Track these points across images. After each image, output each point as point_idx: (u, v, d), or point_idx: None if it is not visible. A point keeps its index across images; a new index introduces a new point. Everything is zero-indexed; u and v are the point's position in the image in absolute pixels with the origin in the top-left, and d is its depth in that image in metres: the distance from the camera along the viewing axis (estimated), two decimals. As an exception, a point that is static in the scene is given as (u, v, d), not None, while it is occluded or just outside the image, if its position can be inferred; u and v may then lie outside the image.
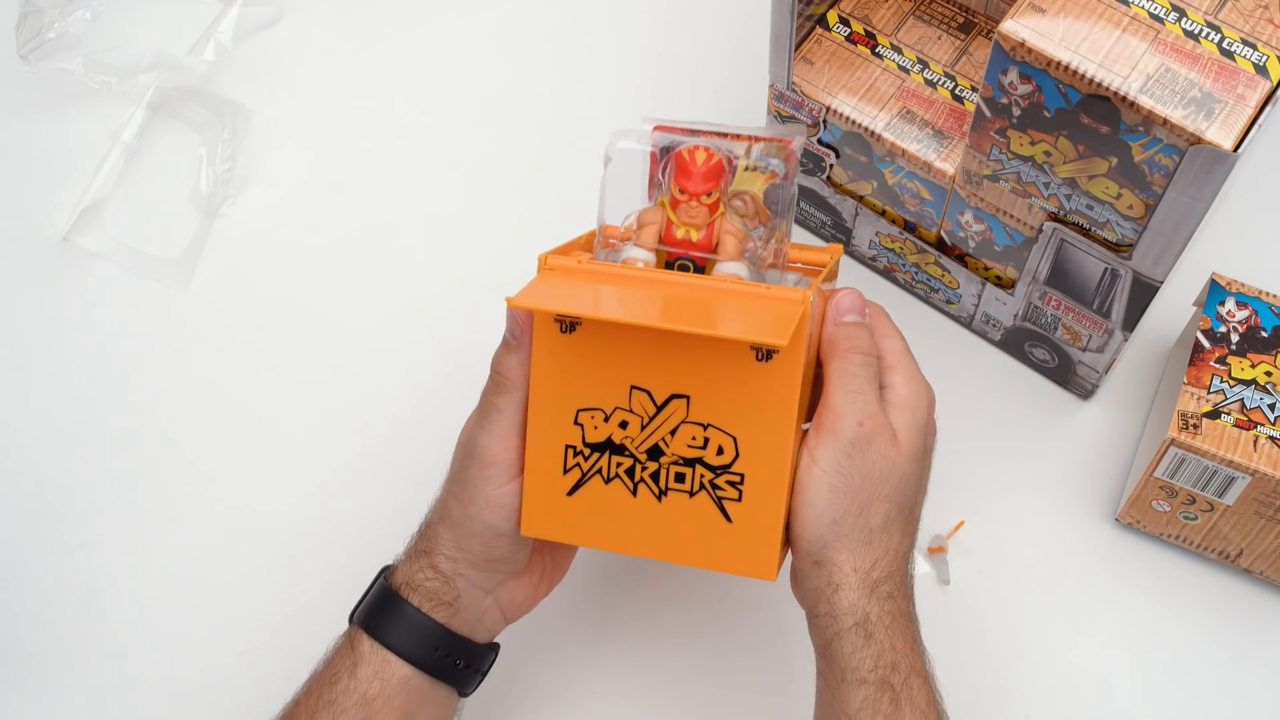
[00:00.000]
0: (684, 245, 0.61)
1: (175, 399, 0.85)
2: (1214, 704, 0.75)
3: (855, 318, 0.62)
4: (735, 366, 0.59)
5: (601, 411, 0.61)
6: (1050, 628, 0.77)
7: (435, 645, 0.63)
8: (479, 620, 0.65)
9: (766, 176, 0.61)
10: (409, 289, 0.88)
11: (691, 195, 0.60)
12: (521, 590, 0.66)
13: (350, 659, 0.63)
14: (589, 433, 0.61)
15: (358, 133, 0.94)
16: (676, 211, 0.60)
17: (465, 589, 0.63)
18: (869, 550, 0.59)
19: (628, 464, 0.61)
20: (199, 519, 0.82)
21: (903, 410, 0.61)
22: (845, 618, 0.59)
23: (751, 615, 0.77)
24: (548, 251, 0.62)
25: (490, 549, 0.63)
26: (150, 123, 0.94)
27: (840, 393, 0.60)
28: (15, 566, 0.81)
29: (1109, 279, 0.72)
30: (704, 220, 0.60)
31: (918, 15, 0.81)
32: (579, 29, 0.97)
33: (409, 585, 0.64)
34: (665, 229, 0.61)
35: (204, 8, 0.97)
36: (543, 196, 0.91)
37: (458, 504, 0.63)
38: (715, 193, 0.60)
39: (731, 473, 0.60)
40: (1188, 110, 0.60)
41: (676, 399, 0.60)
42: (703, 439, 0.60)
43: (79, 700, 0.77)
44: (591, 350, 0.60)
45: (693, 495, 0.61)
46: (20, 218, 0.91)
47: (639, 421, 0.60)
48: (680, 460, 0.60)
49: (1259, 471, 0.70)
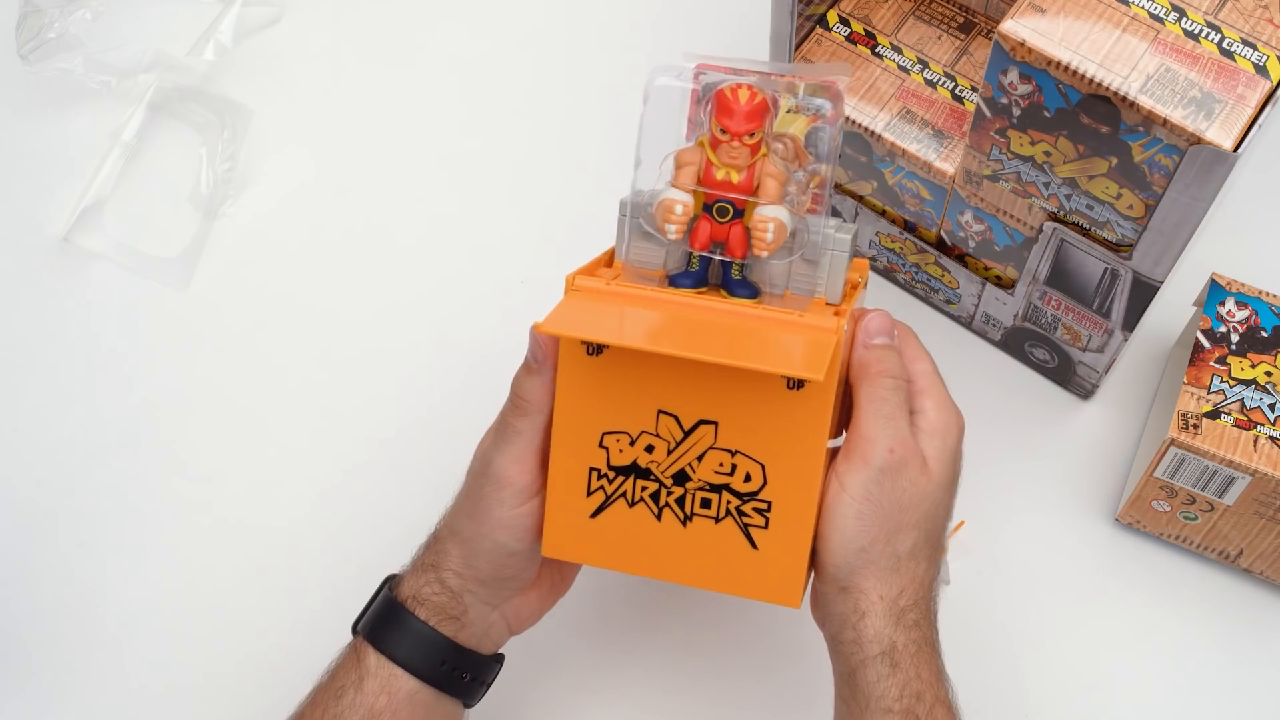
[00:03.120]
0: (724, 187, 0.58)
1: (175, 399, 0.85)
2: (1214, 704, 0.75)
3: (885, 340, 0.61)
4: (765, 394, 0.58)
5: (628, 435, 0.60)
6: (1050, 628, 0.77)
7: (442, 659, 0.63)
8: (485, 634, 0.65)
9: (810, 119, 0.59)
10: (409, 289, 0.88)
11: (734, 135, 0.57)
12: (527, 605, 0.66)
13: (356, 672, 0.63)
14: (614, 456, 0.60)
15: (358, 133, 0.94)
16: (717, 152, 0.58)
17: (472, 604, 0.63)
18: (896, 578, 0.59)
19: (653, 488, 0.60)
20: (199, 519, 0.82)
21: (933, 436, 0.60)
22: (871, 645, 0.58)
23: (765, 632, 0.77)
24: (575, 272, 0.61)
25: (500, 567, 0.62)
26: (150, 123, 0.94)
27: (871, 418, 0.59)
28: (15, 566, 0.81)
29: (1109, 279, 0.72)
30: (745, 161, 0.58)
31: (918, 15, 0.81)
32: (579, 29, 0.97)
33: (416, 599, 0.63)
34: (705, 170, 0.58)
35: (204, 8, 0.97)
36: (543, 196, 0.91)
37: (470, 522, 0.62)
38: (758, 133, 0.58)
39: (759, 500, 0.59)
40: (1188, 110, 0.60)
41: (704, 425, 0.59)
42: (730, 465, 0.59)
43: (79, 700, 0.77)
44: (618, 373, 0.59)
45: (718, 521, 0.60)
46: (20, 218, 0.91)
47: (665, 446, 0.60)
48: (707, 486, 0.60)
49: (1259, 471, 0.70)
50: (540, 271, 0.88)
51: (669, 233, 0.58)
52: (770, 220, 0.58)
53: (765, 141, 0.58)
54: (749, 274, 0.60)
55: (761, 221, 0.58)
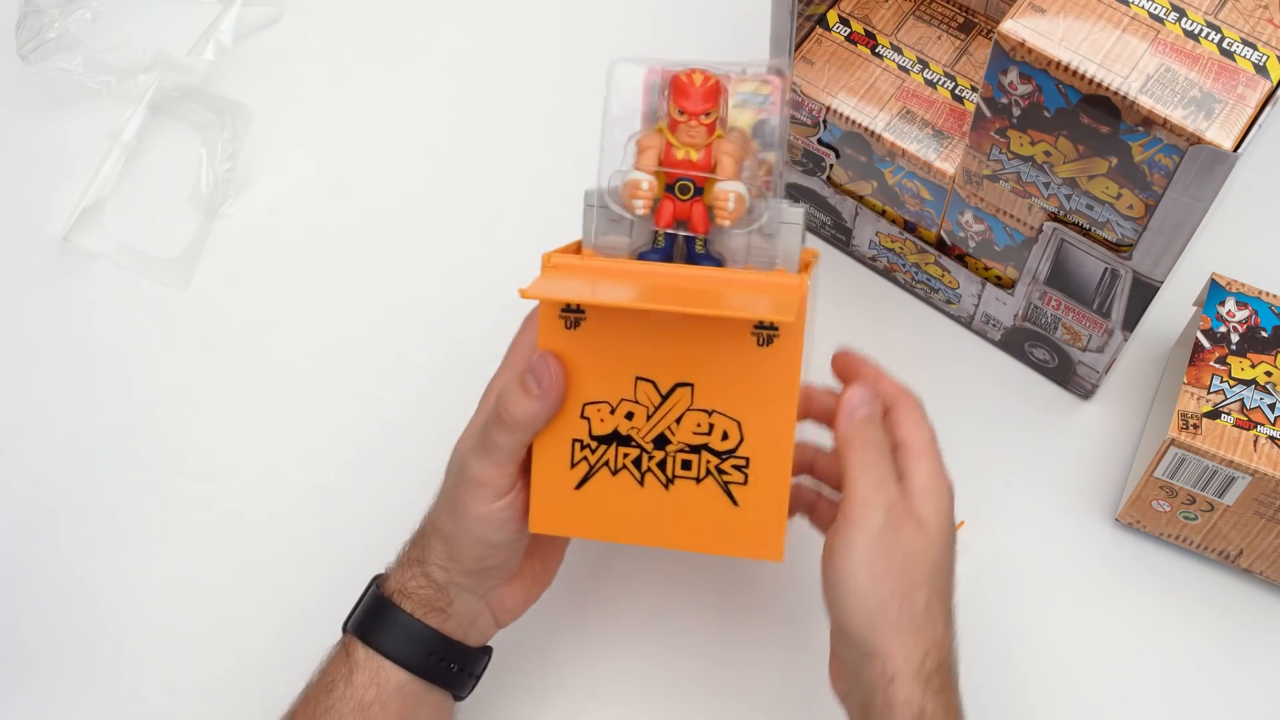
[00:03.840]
0: (684, 165, 0.62)
1: (175, 399, 0.85)
2: (1214, 704, 0.75)
3: (866, 410, 0.62)
4: (738, 353, 0.60)
5: (608, 404, 0.62)
6: (1050, 628, 0.77)
7: (429, 650, 0.64)
8: (471, 625, 0.65)
9: (755, 110, 0.63)
10: (410, 289, 0.88)
11: (691, 115, 0.61)
12: (512, 595, 0.67)
13: (345, 666, 0.64)
14: (595, 426, 0.62)
15: (358, 133, 0.94)
16: (676, 133, 0.62)
17: (458, 595, 0.64)
18: (919, 640, 0.59)
19: (635, 454, 0.62)
20: (198, 519, 0.82)
21: (927, 498, 0.61)
22: (901, 711, 0.58)
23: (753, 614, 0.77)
24: (550, 250, 0.63)
25: (483, 558, 0.63)
26: (150, 123, 0.94)
27: (863, 485, 0.60)
28: (15, 566, 0.81)
29: (1109, 279, 0.72)
30: (703, 140, 0.62)
31: (918, 15, 0.81)
32: (578, 29, 0.97)
33: (401, 593, 0.64)
34: (665, 151, 0.62)
35: (204, 8, 0.97)
36: (543, 196, 0.91)
37: (449, 518, 0.63)
38: (714, 113, 0.62)
39: (737, 457, 0.61)
40: (1188, 110, 0.60)
41: (681, 387, 0.61)
42: (708, 425, 0.61)
43: (79, 700, 0.77)
44: (596, 344, 0.61)
45: (699, 481, 0.62)
46: (20, 218, 0.91)
47: (644, 412, 0.61)
48: (686, 448, 0.62)
49: (1259, 471, 0.70)
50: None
51: (636, 208, 0.62)
52: (731, 192, 0.61)
53: (720, 122, 0.62)
54: (711, 248, 0.63)
55: (723, 193, 0.61)
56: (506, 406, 0.61)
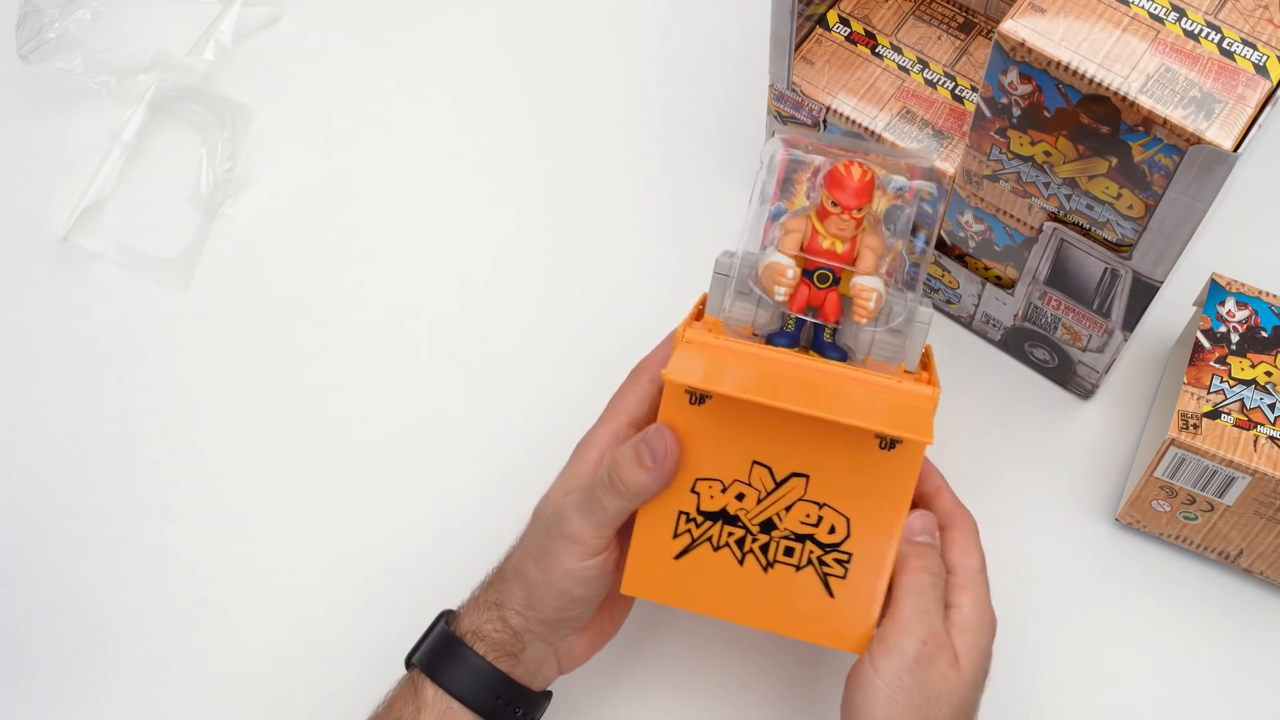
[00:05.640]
0: (828, 255, 0.62)
1: (175, 399, 0.85)
2: (1214, 704, 0.75)
3: (927, 538, 0.63)
4: (858, 453, 0.61)
5: (720, 482, 0.62)
6: (1050, 628, 0.77)
7: (498, 693, 0.64)
8: (538, 671, 0.66)
9: (890, 197, 0.63)
10: (409, 289, 0.88)
11: (845, 208, 0.61)
12: (580, 645, 0.67)
13: (414, 704, 0.64)
14: (704, 501, 0.62)
15: (358, 133, 0.94)
16: (825, 222, 0.62)
17: (531, 642, 0.64)
18: None
19: (739, 535, 0.63)
20: (199, 520, 0.82)
21: (966, 633, 0.61)
22: None
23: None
24: (681, 325, 0.63)
25: (562, 610, 0.64)
26: (150, 123, 0.94)
27: (909, 609, 0.61)
28: (15, 566, 0.81)
29: (1109, 279, 0.72)
30: (850, 233, 0.62)
31: (918, 15, 0.81)
32: (578, 29, 0.97)
33: (476, 634, 0.64)
34: (810, 238, 0.62)
35: (204, 8, 0.97)
36: (543, 196, 0.91)
37: (536, 568, 0.63)
38: (866, 207, 0.62)
39: (840, 551, 0.62)
40: (1188, 110, 0.60)
41: (796, 477, 0.62)
42: (816, 517, 0.62)
43: (79, 700, 0.77)
44: (718, 424, 0.61)
45: (799, 569, 0.63)
46: (20, 218, 0.91)
47: (756, 495, 0.62)
48: (792, 535, 0.62)
49: (1259, 471, 0.70)
50: (541, 272, 0.88)
51: (777, 295, 0.62)
52: (873, 291, 0.62)
53: (867, 217, 0.62)
54: (839, 338, 0.64)
55: (865, 291, 0.62)
56: (620, 474, 0.61)
